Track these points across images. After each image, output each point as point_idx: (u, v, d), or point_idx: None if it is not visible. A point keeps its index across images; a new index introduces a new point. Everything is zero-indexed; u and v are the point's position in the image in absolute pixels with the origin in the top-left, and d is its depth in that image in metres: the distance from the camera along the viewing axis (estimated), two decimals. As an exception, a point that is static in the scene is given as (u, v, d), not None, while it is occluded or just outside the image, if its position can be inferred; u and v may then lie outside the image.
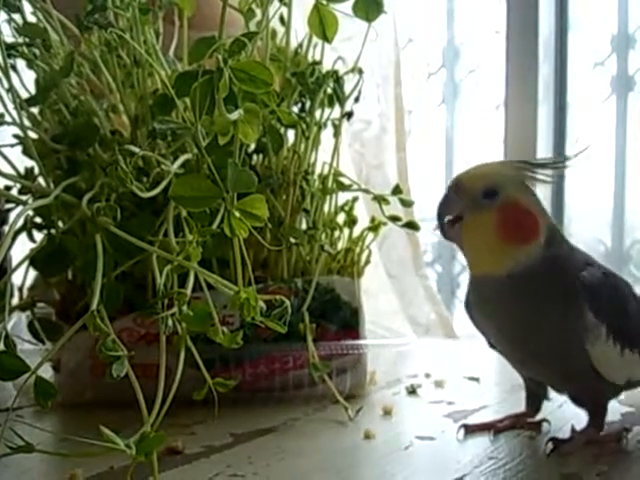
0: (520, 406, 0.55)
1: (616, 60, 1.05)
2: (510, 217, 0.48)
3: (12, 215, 0.50)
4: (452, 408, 0.61)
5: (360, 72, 0.60)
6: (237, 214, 0.38)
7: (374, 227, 0.66)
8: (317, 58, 0.62)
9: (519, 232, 0.48)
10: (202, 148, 0.38)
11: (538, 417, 0.55)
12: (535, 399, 0.55)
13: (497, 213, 0.48)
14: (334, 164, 0.64)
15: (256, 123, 0.39)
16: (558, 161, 0.51)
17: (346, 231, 0.67)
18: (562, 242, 0.51)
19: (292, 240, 0.61)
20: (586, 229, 1.09)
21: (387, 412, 0.59)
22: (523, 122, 1.04)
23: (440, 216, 0.50)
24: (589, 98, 1.08)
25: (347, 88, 0.63)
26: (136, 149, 0.45)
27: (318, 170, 0.65)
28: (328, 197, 0.65)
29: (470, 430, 0.53)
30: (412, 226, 0.66)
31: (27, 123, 0.55)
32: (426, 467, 0.47)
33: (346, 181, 0.64)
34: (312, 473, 0.45)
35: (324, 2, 0.51)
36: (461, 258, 1.18)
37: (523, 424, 0.54)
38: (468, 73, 1.19)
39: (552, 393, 0.54)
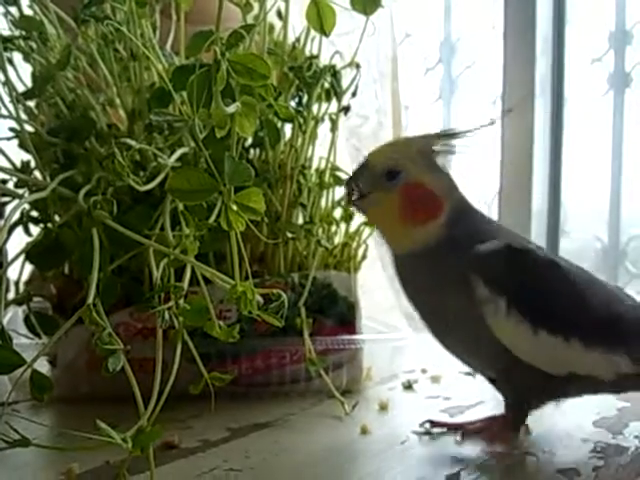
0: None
1: (613, 56, 1.05)
2: (409, 199, 0.48)
3: (8, 208, 0.50)
4: (448, 403, 0.61)
5: (357, 66, 0.60)
6: (234, 207, 0.37)
7: (371, 222, 0.66)
8: (314, 52, 0.62)
9: (417, 213, 0.48)
10: (199, 141, 0.38)
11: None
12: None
13: (398, 194, 0.48)
14: (331, 159, 0.64)
15: (253, 116, 0.39)
16: (465, 130, 0.50)
17: (343, 226, 0.67)
18: (469, 220, 0.49)
19: (289, 234, 0.61)
20: (582, 225, 1.09)
21: (383, 407, 0.59)
22: (520, 118, 1.04)
23: (348, 193, 0.51)
24: (586, 94, 1.08)
25: (344, 83, 0.63)
26: (133, 142, 0.45)
27: (315, 165, 0.65)
28: (325, 192, 0.65)
29: (435, 425, 0.52)
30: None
31: (23, 116, 0.55)
32: (422, 462, 0.47)
33: (343, 176, 0.64)
34: (308, 467, 0.45)
35: (322, -5, 0.51)
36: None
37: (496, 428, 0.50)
38: (465, 69, 1.18)
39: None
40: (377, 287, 0.91)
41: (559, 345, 0.46)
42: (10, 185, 0.55)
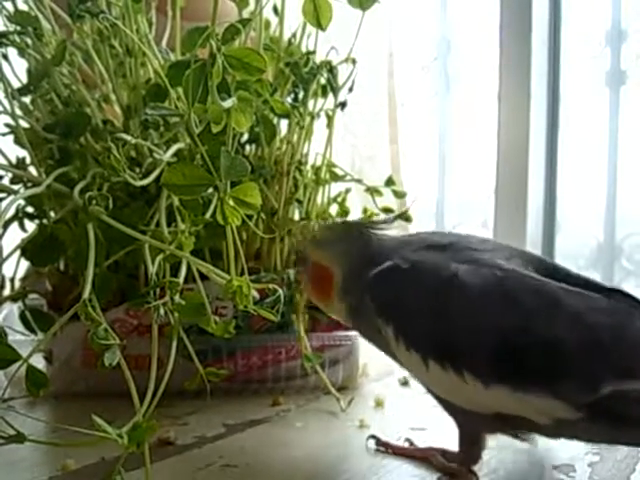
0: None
1: (609, 54, 1.05)
2: (310, 279, 0.50)
3: (3, 204, 0.50)
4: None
5: (354, 62, 0.60)
6: (230, 202, 0.37)
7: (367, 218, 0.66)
8: (310, 48, 0.61)
9: (320, 293, 0.50)
10: (195, 136, 0.38)
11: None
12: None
13: (307, 277, 0.51)
14: (327, 155, 0.64)
15: (249, 111, 0.39)
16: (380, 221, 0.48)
17: (339, 222, 0.67)
18: (367, 259, 0.45)
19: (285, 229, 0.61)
20: (578, 223, 1.09)
21: (379, 403, 0.59)
22: (516, 115, 1.04)
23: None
24: (582, 92, 1.08)
25: (340, 79, 0.63)
26: (128, 137, 0.45)
27: (311, 161, 0.65)
28: (321, 188, 0.65)
29: (380, 444, 0.48)
30: (405, 218, 0.66)
31: (19, 112, 0.55)
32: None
33: (339, 172, 0.64)
34: (304, 464, 0.45)
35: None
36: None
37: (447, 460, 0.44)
38: (461, 66, 1.18)
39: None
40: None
41: (454, 381, 0.39)
42: (5, 181, 0.55)
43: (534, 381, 0.37)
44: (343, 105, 0.63)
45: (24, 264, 0.58)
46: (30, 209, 0.58)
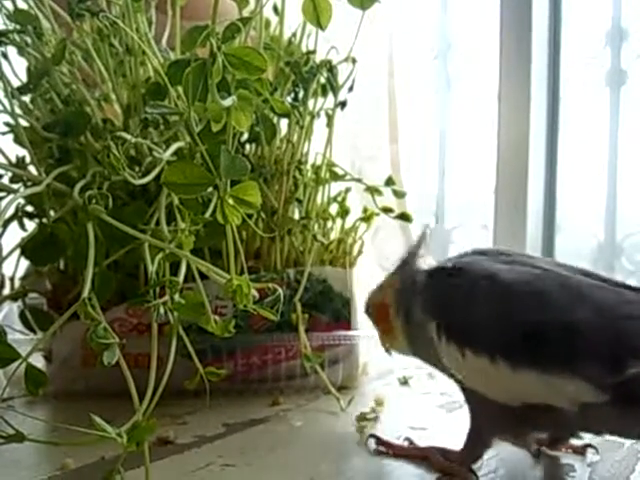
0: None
1: (609, 54, 1.05)
2: (374, 321, 0.53)
3: (3, 203, 0.50)
4: (444, 399, 0.61)
5: (354, 61, 0.60)
6: (230, 201, 0.37)
7: (367, 217, 0.66)
8: (311, 48, 0.61)
9: (385, 331, 0.51)
10: (195, 135, 0.38)
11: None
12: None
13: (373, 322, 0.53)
14: (327, 154, 0.64)
15: (249, 110, 0.39)
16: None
17: (339, 222, 0.67)
18: (411, 285, 0.48)
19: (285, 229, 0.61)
20: (578, 223, 1.09)
21: (379, 403, 0.59)
22: (516, 115, 1.04)
23: None
24: (582, 91, 1.08)
25: (340, 78, 0.63)
26: (128, 136, 0.45)
27: (311, 160, 0.65)
28: (321, 187, 0.65)
29: (381, 444, 0.48)
30: (404, 217, 0.66)
31: (18, 111, 0.55)
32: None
33: (339, 171, 0.64)
34: (304, 463, 0.45)
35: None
36: (454, 251, 1.18)
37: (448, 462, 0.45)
38: (462, 65, 1.18)
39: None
40: (373, 283, 0.91)
41: (487, 367, 0.41)
42: (5, 180, 0.55)
43: (560, 364, 0.38)
44: (343, 104, 0.63)
45: (24, 263, 0.58)
46: (30, 208, 0.58)
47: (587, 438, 0.47)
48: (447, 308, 0.44)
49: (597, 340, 0.38)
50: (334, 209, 0.67)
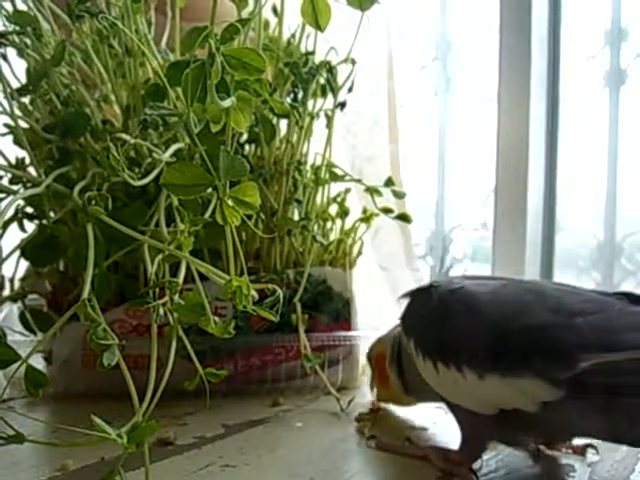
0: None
1: (609, 53, 1.05)
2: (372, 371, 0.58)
3: (3, 205, 0.50)
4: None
5: (353, 62, 0.60)
6: (229, 202, 0.37)
7: (366, 218, 0.66)
8: (310, 49, 0.61)
9: (380, 380, 0.56)
10: (194, 135, 0.38)
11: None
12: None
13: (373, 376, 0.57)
14: (327, 155, 0.64)
15: (248, 111, 0.39)
16: None
17: (338, 222, 0.67)
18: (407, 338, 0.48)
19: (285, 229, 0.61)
20: (578, 222, 1.09)
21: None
22: (516, 115, 1.04)
23: None
24: (582, 91, 1.08)
25: (340, 79, 0.63)
26: (128, 137, 0.45)
27: (311, 161, 0.65)
28: (321, 188, 0.65)
29: (380, 444, 0.49)
30: (404, 218, 0.66)
31: (18, 112, 0.55)
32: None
33: (339, 172, 0.64)
34: (304, 464, 0.45)
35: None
36: (453, 251, 1.18)
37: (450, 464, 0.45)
38: (461, 66, 1.18)
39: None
40: (372, 284, 0.91)
41: (457, 377, 0.42)
42: (5, 181, 0.55)
43: (518, 364, 0.39)
44: (342, 105, 0.63)
45: (24, 264, 0.58)
46: (29, 209, 0.58)
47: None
48: (420, 324, 0.47)
49: (549, 337, 0.39)
50: (334, 210, 0.67)
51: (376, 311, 0.78)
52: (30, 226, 0.57)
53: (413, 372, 0.47)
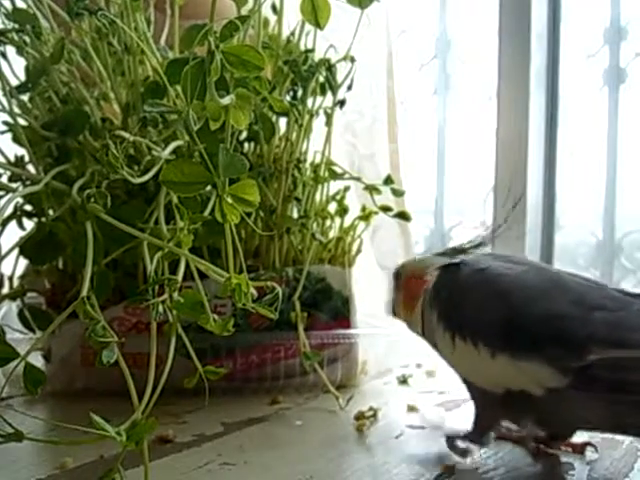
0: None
1: (608, 52, 1.05)
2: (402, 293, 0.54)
3: (1, 202, 0.50)
4: (443, 398, 0.61)
5: (352, 60, 0.60)
6: (229, 199, 0.37)
7: (365, 216, 0.66)
8: (309, 46, 0.61)
9: (407, 306, 0.53)
10: (193, 133, 0.38)
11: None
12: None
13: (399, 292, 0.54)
14: (326, 153, 0.64)
15: (248, 108, 0.39)
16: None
17: (337, 220, 0.67)
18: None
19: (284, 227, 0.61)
20: (577, 221, 1.09)
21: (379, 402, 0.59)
22: (515, 113, 1.04)
23: None
24: (581, 90, 1.08)
25: (339, 77, 0.62)
26: (127, 134, 0.44)
27: (310, 159, 0.64)
28: (320, 186, 0.65)
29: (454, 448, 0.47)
30: (403, 216, 0.66)
31: (17, 110, 0.55)
32: (417, 456, 0.47)
33: (338, 170, 0.64)
34: (303, 462, 0.45)
35: (317, -12, 0.51)
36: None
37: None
38: (460, 64, 1.18)
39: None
40: (372, 282, 0.91)
41: (472, 352, 0.43)
42: (4, 179, 0.55)
43: (530, 348, 0.41)
44: (342, 103, 0.63)
45: (22, 262, 0.58)
46: (28, 207, 0.58)
47: (586, 436, 0.47)
48: (444, 298, 0.47)
49: (564, 327, 0.40)
50: (333, 208, 0.67)
51: (375, 309, 0.78)
52: (29, 224, 0.57)
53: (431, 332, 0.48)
